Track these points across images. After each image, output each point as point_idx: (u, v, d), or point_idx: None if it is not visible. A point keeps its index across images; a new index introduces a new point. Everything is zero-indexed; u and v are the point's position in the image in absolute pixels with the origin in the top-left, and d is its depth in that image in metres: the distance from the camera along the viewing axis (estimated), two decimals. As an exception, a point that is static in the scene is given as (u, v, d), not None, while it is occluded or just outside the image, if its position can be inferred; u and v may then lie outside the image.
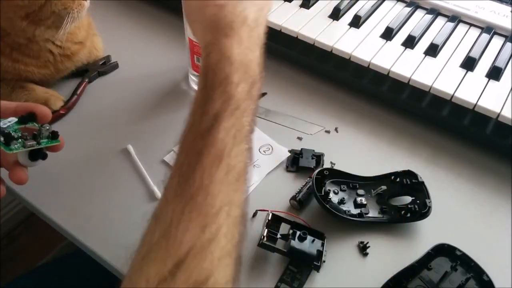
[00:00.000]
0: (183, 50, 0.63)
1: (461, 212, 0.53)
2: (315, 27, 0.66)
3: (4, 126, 0.43)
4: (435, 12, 0.69)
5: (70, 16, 0.57)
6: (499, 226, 0.52)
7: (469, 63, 0.61)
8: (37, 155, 0.44)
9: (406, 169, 0.54)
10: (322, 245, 0.47)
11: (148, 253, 0.32)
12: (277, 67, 0.69)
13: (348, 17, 0.68)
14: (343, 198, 0.52)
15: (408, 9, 0.69)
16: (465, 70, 0.61)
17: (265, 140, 0.59)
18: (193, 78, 0.65)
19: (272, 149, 0.58)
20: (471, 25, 0.68)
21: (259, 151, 0.58)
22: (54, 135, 0.45)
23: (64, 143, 0.46)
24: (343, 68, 0.65)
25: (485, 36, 0.65)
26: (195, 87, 0.66)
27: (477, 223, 0.52)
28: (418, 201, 0.51)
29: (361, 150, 0.59)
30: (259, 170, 0.56)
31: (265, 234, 0.47)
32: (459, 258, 0.46)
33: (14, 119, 0.44)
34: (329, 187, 0.52)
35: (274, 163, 0.57)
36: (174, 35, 0.73)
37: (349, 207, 0.51)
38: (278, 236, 0.48)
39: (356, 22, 0.67)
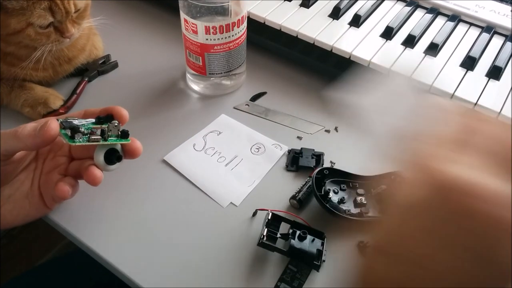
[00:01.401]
0: (181, 49, 0.63)
1: (461, 211, 0.53)
2: (315, 26, 0.66)
3: (79, 123, 0.43)
4: (435, 11, 0.69)
5: (44, 47, 0.56)
6: (499, 226, 0.52)
7: (469, 63, 0.61)
8: (111, 157, 0.43)
9: (406, 168, 0.54)
10: (322, 244, 0.47)
11: None
12: (277, 66, 0.69)
13: (348, 16, 0.68)
14: (343, 197, 0.52)
15: (408, 8, 0.69)
16: (465, 70, 0.61)
17: (256, 139, 0.59)
18: (190, 77, 0.65)
19: (264, 147, 0.58)
20: (471, 24, 0.68)
21: (251, 151, 0.58)
22: (124, 134, 0.44)
23: (141, 146, 0.46)
24: (343, 67, 0.65)
25: (485, 36, 0.65)
26: (192, 85, 0.66)
27: (477, 223, 0.52)
28: (418, 201, 0.51)
29: (361, 150, 0.59)
30: (257, 170, 0.56)
31: (264, 234, 0.47)
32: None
33: (91, 120, 0.45)
34: (329, 186, 0.52)
35: (270, 162, 0.57)
36: (172, 33, 0.73)
37: (349, 206, 0.51)
38: (278, 235, 0.48)
39: (356, 21, 0.67)
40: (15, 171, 0.47)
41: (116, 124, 0.43)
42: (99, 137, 0.42)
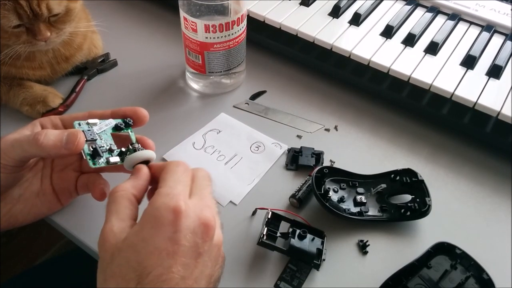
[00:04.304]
0: (181, 47, 0.63)
1: (461, 210, 0.53)
2: (315, 25, 0.66)
3: (100, 131, 0.45)
4: (435, 10, 0.69)
5: (13, 48, 0.55)
6: (499, 224, 0.52)
7: (469, 61, 0.61)
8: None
9: (406, 167, 0.54)
10: (322, 243, 0.47)
11: None
12: (277, 65, 0.69)
13: (348, 15, 0.68)
14: (343, 196, 0.52)
15: (408, 7, 0.69)
16: (465, 68, 0.61)
17: (256, 138, 0.59)
18: (189, 75, 0.65)
19: (264, 146, 0.58)
20: (471, 23, 0.68)
21: (250, 150, 0.58)
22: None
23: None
24: (343, 66, 0.65)
25: (485, 34, 0.65)
26: (192, 84, 0.65)
27: (477, 222, 0.52)
28: (418, 200, 0.51)
29: (361, 148, 0.59)
30: (257, 168, 0.56)
31: (264, 233, 0.47)
32: (459, 256, 0.46)
33: (111, 124, 0.46)
34: (329, 185, 0.52)
35: (270, 160, 0.57)
36: (172, 32, 0.73)
37: (348, 205, 0.51)
38: (278, 234, 0.47)
39: (356, 20, 0.67)
40: (25, 173, 0.47)
41: (136, 146, 0.44)
42: (118, 160, 0.44)
